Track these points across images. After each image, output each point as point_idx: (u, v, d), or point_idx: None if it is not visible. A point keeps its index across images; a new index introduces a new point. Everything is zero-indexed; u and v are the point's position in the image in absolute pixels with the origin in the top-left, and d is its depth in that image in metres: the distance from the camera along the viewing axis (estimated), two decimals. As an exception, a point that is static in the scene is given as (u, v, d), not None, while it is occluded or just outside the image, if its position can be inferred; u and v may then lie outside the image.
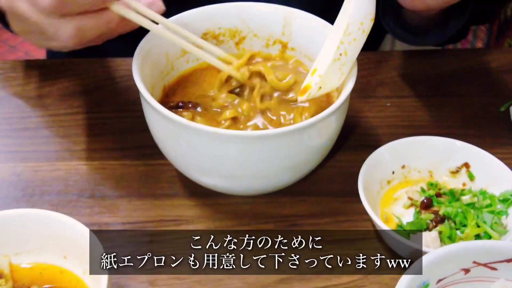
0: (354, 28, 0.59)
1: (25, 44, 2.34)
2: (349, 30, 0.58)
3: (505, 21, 1.07)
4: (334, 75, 0.60)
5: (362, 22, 0.59)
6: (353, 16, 0.58)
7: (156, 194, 0.66)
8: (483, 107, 0.76)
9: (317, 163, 0.63)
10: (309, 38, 0.67)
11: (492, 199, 0.61)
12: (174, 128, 0.57)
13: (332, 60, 0.59)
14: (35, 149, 0.70)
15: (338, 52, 0.59)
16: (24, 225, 0.55)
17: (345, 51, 0.59)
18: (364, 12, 0.58)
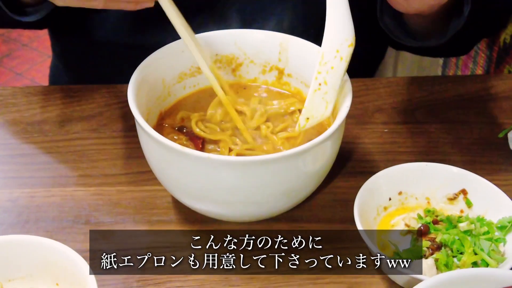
0: (330, 56, 0.59)
1: (31, 71, 2.36)
2: (325, 59, 0.59)
3: (504, 48, 1.07)
4: (319, 105, 0.61)
5: (338, 50, 0.59)
6: (327, 45, 0.58)
7: (151, 221, 0.66)
8: (481, 133, 0.76)
9: (313, 189, 0.63)
10: (305, 64, 0.68)
11: (490, 226, 0.61)
12: (167, 154, 0.57)
13: (313, 91, 0.60)
14: (32, 175, 0.71)
15: (317, 82, 0.60)
16: (17, 251, 0.55)
17: (324, 80, 0.60)
18: (339, 39, 0.58)
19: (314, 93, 0.60)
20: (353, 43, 0.59)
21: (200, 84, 0.71)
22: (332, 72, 0.60)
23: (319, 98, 0.60)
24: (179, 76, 0.69)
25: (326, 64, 0.59)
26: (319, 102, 0.60)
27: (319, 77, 0.59)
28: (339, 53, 0.59)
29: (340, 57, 0.60)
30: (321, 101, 0.60)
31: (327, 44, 0.58)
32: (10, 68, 2.39)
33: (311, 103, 0.60)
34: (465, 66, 1.18)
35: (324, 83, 0.60)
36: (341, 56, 0.60)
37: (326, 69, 0.59)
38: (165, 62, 0.67)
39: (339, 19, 0.58)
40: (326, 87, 0.60)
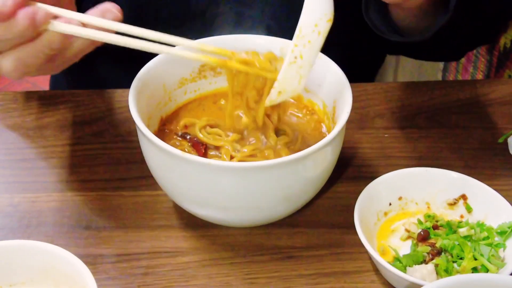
0: (307, 30, 0.57)
1: (32, 75, 2.37)
2: (303, 33, 0.57)
3: (504, 53, 1.07)
4: (293, 79, 0.59)
5: (317, 24, 0.57)
6: (305, 18, 0.57)
7: (152, 225, 0.66)
8: (481, 138, 0.76)
9: (313, 194, 0.63)
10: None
11: (490, 232, 0.61)
12: (168, 159, 0.57)
13: (288, 63, 0.58)
14: (33, 179, 0.71)
15: (293, 56, 0.58)
16: (18, 256, 0.55)
17: (300, 54, 0.58)
18: (318, 14, 0.57)
19: (289, 66, 0.58)
20: (332, 18, 0.58)
21: (201, 89, 0.71)
22: (309, 46, 0.58)
23: (293, 72, 0.58)
24: (180, 81, 0.69)
25: (303, 37, 0.57)
26: (293, 75, 0.59)
27: (295, 50, 0.58)
28: (317, 27, 0.57)
29: (318, 31, 0.58)
30: (295, 74, 0.59)
31: (305, 17, 0.57)
32: (12, 72, 2.39)
33: (285, 76, 0.58)
34: (465, 70, 1.18)
35: (300, 57, 0.58)
36: (319, 31, 0.58)
37: (303, 42, 0.58)
38: (166, 68, 0.67)
39: None
40: (301, 61, 0.58)
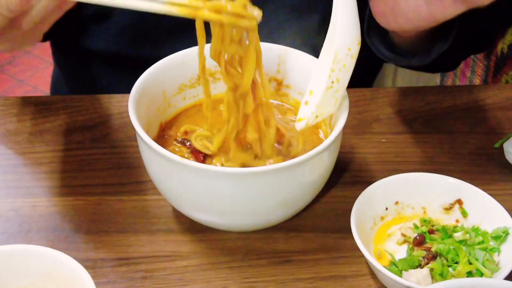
0: (342, 55, 0.59)
1: (33, 78, 2.38)
2: (338, 57, 0.59)
3: (502, 58, 1.08)
4: (329, 103, 0.61)
5: (350, 48, 0.60)
6: (340, 43, 0.59)
7: (151, 230, 0.67)
8: (477, 143, 0.77)
9: (310, 199, 0.64)
10: (302, 75, 0.69)
11: (485, 236, 0.61)
12: (167, 165, 0.58)
13: (325, 88, 0.60)
14: (34, 184, 0.72)
15: (330, 80, 0.60)
16: (19, 261, 0.56)
17: (337, 78, 0.60)
18: (350, 37, 0.59)
19: (327, 91, 0.60)
20: (360, 41, 0.60)
21: (200, 95, 0.72)
22: (344, 70, 0.60)
23: (330, 96, 0.60)
24: (179, 87, 0.70)
25: (339, 62, 0.60)
26: (329, 99, 0.61)
27: (332, 75, 0.60)
28: (350, 51, 0.60)
29: (351, 55, 0.60)
30: (331, 98, 0.61)
31: (340, 41, 0.59)
32: (12, 75, 2.40)
33: (323, 101, 0.60)
34: (463, 75, 1.19)
35: (336, 81, 0.60)
36: (352, 54, 0.60)
37: (339, 66, 0.60)
38: (165, 74, 0.68)
39: (350, 17, 0.59)
40: (337, 85, 0.60)
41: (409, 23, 0.63)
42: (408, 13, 0.62)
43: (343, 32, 0.59)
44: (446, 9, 0.59)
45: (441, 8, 0.59)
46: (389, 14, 0.63)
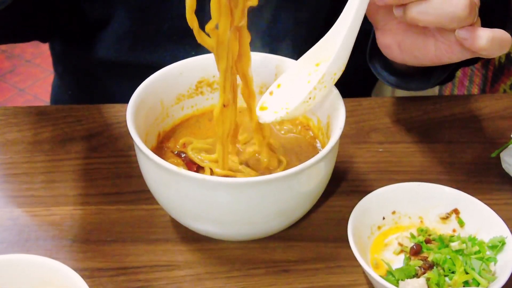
0: (328, 77, 0.62)
1: (33, 87, 2.39)
2: (324, 79, 0.61)
3: (499, 68, 1.09)
4: (298, 112, 0.63)
5: (336, 73, 0.62)
6: (330, 67, 0.61)
7: (149, 239, 0.67)
8: (475, 153, 0.77)
9: (307, 209, 0.64)
10: (300, 86, 0.69)
11: (481, 246, 0.62)
12: (164, 175, 0.58)
13: (302, 102, 0.62)
14: (32, 194, 0.72)
15: (309, 96, 0.62)
16: (16, 271, 0.56)
17: (315, 96, 0.63)
18: (341, 64, 0.61)
19: (302, 104, 0.62)
20: (344, 68, 0.62)
21: (198, 105, 0.72)
22: (324, 91, 0.63)
23: (302, 108, 0.63)
24: (177, 97, 0.70)
25: (322, 83, 0.62)
26: (300, 111, 0.63)
27: (313, 92, 0.62)
28: (335, 75, 0.62)
29: (334, 79, 0.63)
30: (301, 111, 0.63)
31: (332, 66, 0.61)
32: (13, 84, 2.41)
33: (294, 111, 0.62)
34: (461, 84, 1.20)
35: (313, 98, 0.62)
36: (334, 79, 0.63)
37: (321, 87, 0.62)
38: (163, 84, 0.69)
39: (348, 46, 0.61)
40: (312, 101, 0.63)
41: (413, 60, 0.64)
42: (414, 51, 0.63)
43: (338, 57, 0.61)
44: (453, 55, 0.61)
45: (449, 53, 0.61)
46: (395, 48, 0.65)
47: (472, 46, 0.57)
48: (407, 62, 0.66)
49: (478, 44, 0.57)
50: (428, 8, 0.56)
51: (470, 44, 0.57)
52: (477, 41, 0.57)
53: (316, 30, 0.86)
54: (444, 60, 0.62)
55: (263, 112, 0.64)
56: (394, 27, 0.64)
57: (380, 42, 0.66)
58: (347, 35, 0.60)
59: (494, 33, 0.57)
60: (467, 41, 0.57)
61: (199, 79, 0.71)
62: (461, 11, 0.55)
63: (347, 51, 0.61)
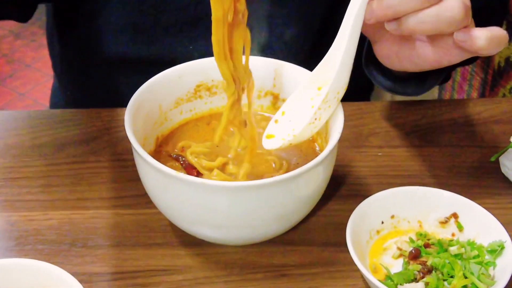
0: (331, 96, 0.62)
1: (33, 91, 2.39)
2: (327, 98, 0.62)
3: (499, 72, 1.09)
4: (305, 135, 0.63)
5: (339, 92, 0.63)
6: (333, 86, 0.61)
7: (148, 243, 0.67)
8: (473, 157, 0.77)
9: (306, 213, 0.64)
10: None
11: (480, 250, 0.61)
12: (163, 179, 0.58)
13: (308, 123, 0.62)
14: (30, 198, 0.72)
15: (314, 117, 0.62)
16: (14, 275, 0.56)
17: (320, 116, 0.63)
18: (343, 82, 0.62)
19: (308, 125, 0.62)
20: (347, 86, 0.63)
21: (196, 109, 0.72)
22: (328, 110, 0.63)
23: (308, 131, 0.63)
24: (175, 101, 0.70)
25: (326, 102, 0.62)
26: (307, 133, 0.63)
27: (318, 113, 0.62)
28: (338, 94, 0.63)
29: (338, 98, 0.63)
30: (308, 133, 0.63)
31: (334, 85, 0.61)
32: (13, 89, 2.41)
33: (301, 134, 0.63)
34: (460, 88, 1.20)
35: (319, 119, 0.63)
36: (338, 98, 0.63)
37: (325, 106, 0.62)
38: (162, 88, 0.69)
39: (348, 63, 0.61)
40: (318, 122, 0.63)
41: (413, 66, 0.64)
42: (413, 57, 0.63)
43: (339, 77, 0.61)
44: (452, 57, 0.61)
45: (448, 56, 0.61)
46: (394, 57, 0.65)
47: (471, 47, 0.57)
48: (407, 69, 0.66)
49: (477, 44, 0.57)
50: (425, 17, 0.56)
51: (469, 46, 0.57)
52: (475, 41, 0.57)
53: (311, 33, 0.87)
54: (444, 63, 0.62)
55: (270, 140, 0.64)
56: (391, 38, 0.64)
57: (378, 53, 0.67)
58: (345, 55, 0.60)
59: (491, 31, 0.57)
60: (465, 43, 0.57)
61: (198, 83, 0.71)
62: (457, 14, 0.55)
63: (347, 71, 0.61)
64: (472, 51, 0.58)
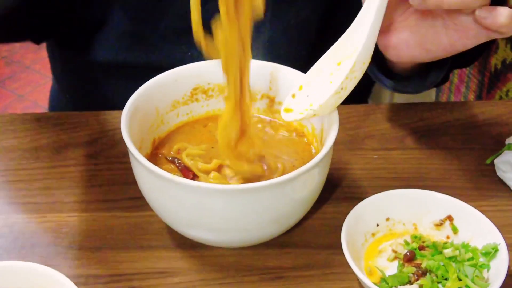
0: (358, 67, 0.61)
1: (33, 93, 2.39)
2: (355, 68, 0.61)
3: (495, 74, 1.09)
4: (330, 106, 0.62)
5: (364, 63, 0.62)
6: (361, 55, 0.60)
7: (144, 246, 0.67)
8: (469, 159, 0.77)
9: (301, 215, 0.64)
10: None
11: (474, 253, 0.62)
12: (158, 182, 0.58)
13: (334, 93, 0.61)
14: (28, 201, 0.72)
15: (341, 87, 0.61)
16: (11, 278, 0.56)
17: (346, 86, 0.62)
18: (369, 53, 0.61)
19: (334, 95, 0.61)
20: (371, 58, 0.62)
21: (193, 112, 0.73)
22: (354, 81, 0.62)
23: (333, 100, 0.61)
24: (172, 104, 0.71)
25: (353, 72, 0.61)
26: (332, 103, 0.62)
27: (345, 83, 0.61)
28: (364, 65, 0.62)
29: (362, 69, 0.62)
30: (333, 103, 0.62)
31: (362, 54, 0.60)
32: (12, 90, 2.42)
33: (327, 103, 0.61)
34: (457, 91, 1.20)
35: (344, 89, 0.61)
36: (363, 69, 0.62)
37: (352, 76, 0.61)
38: (158, 91, 0.69)
39: (373, 36, 0.60)
40: (343, 93, 0.62)
41: (425, 54, 0.64)
42: (425, 44, 0.63)
43: (367, 46, 0.60)
44: (468, 40, 0.61)
45: (464, 39, 0.61)
46: (403, 46, 0.64)
47: (492, 24, 0.57)
48: (416, 58, 0.65)
49: (499, 21, 0.56)
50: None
51: (490, 22, 0.57)
52: (497, 18, 0.56)
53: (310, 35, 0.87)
54: (458, 47, 0.62)
55: (289, 113, 0.63)
56: (401, 24, 0.64)
57: (385, 43, 0.66)
58: (372, 27, 0.59)
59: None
60: (487, 20, 0.57)
61: (194, 86, 0.72)
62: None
63: (373, 42, 0.60)
64: (493, 28, 0.57)
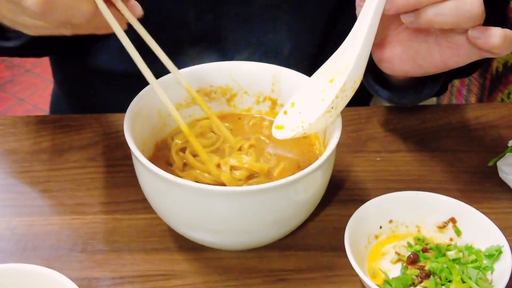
0: (349, 85, 0.61)
1: (33, 97, 2.39)
2: (345, 87, 0.61)
3: (497, 77, 1.09)
4: (320, 125, 0.62)
5: (355, 81, 0.62)
6: (351, 74, 0.60)
7: (146, 248, 0.67)
8: (472, 162, 0.77)
9: (304, 218, 0.64)
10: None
11: (478, 255, 0.62)
12: (161, 184, 0.58)
13: (324, 112, 0.61)
14: (30, 203, 0.72)
15: (331, 106, 0.61)
16: (13, 280, 0.56)
17: (337, 105, 0.62)
18: (360, 71, 0.61)
19: (324, 114, 0.61)
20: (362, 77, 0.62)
21: (195, 115, 0.73)
22: (345, 100, 0.62)
23: (324, 119, 0.62)
24: (174, 107, 0.70)
25: (344, 91, 0.61)
26: (322, 122, 0.62)
27: (335, 102, 0.61)
28: (355, 84, 0.62)
29: (354, 88, 0.62)
30: (324, 122, 0.62)
31: (352, 73, 0.60)
32: (13, 94, 2.42)
33: (316, 123, 0.62)
34: (459, 93, 1.20)
35: (335, 108, 0.62)
36: (354, 87, 0.62)
37: (343, 95, 0.61)
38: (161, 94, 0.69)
39: (366, 52, 0.61)
40: (334, 112, 0.62)
41: (417, 69, 0.64)
42: (418, 60, 0.63)
43: (357, 65, 0.60)
44: (460, 58, 0.61)
45: (455, 56, 0.60)
46: (396, 60, 0.64)
47: (485, 45, 0.57)
48: (409, 72, 0.65)
49: (492, 42, 0.56)
50: (445, 9, 0.56)
51: (483, 43, 0.57)
52: (490, 39, 0.56)
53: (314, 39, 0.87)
54: (450, 64, 0.62)
55: (280, 130, 0.64)
56: (394, 39, 0.64)
57: (379, 57, 0.66)
58: (363, 45, 0.60)
59: (506, 31, 0.57)
60: (480, 40, 0.57)
61: (197, 89, 0.71)
62: (476, 9, 0.55)
63: (364, 60, 0.61)
64: (485, 49, 0.57)
